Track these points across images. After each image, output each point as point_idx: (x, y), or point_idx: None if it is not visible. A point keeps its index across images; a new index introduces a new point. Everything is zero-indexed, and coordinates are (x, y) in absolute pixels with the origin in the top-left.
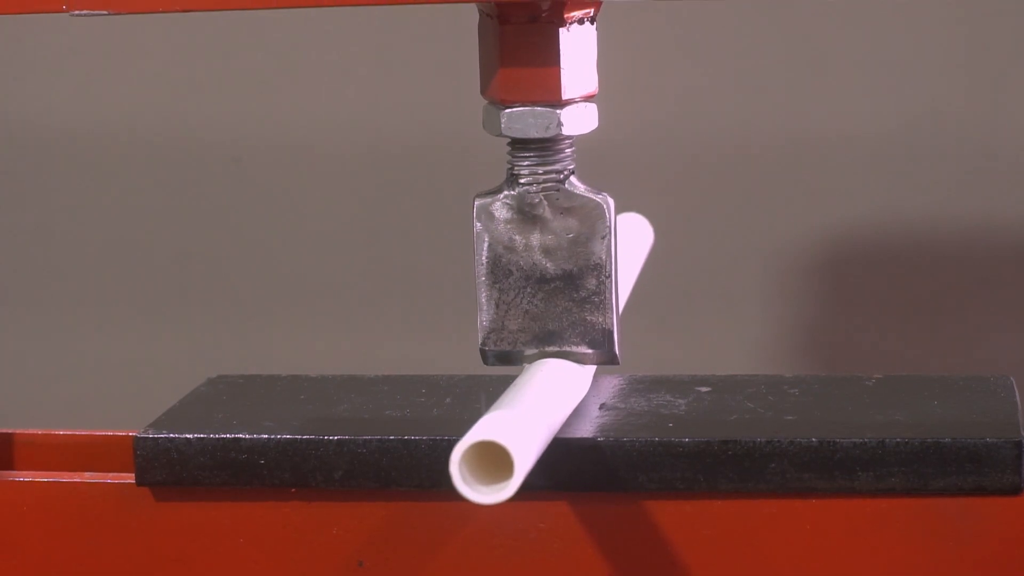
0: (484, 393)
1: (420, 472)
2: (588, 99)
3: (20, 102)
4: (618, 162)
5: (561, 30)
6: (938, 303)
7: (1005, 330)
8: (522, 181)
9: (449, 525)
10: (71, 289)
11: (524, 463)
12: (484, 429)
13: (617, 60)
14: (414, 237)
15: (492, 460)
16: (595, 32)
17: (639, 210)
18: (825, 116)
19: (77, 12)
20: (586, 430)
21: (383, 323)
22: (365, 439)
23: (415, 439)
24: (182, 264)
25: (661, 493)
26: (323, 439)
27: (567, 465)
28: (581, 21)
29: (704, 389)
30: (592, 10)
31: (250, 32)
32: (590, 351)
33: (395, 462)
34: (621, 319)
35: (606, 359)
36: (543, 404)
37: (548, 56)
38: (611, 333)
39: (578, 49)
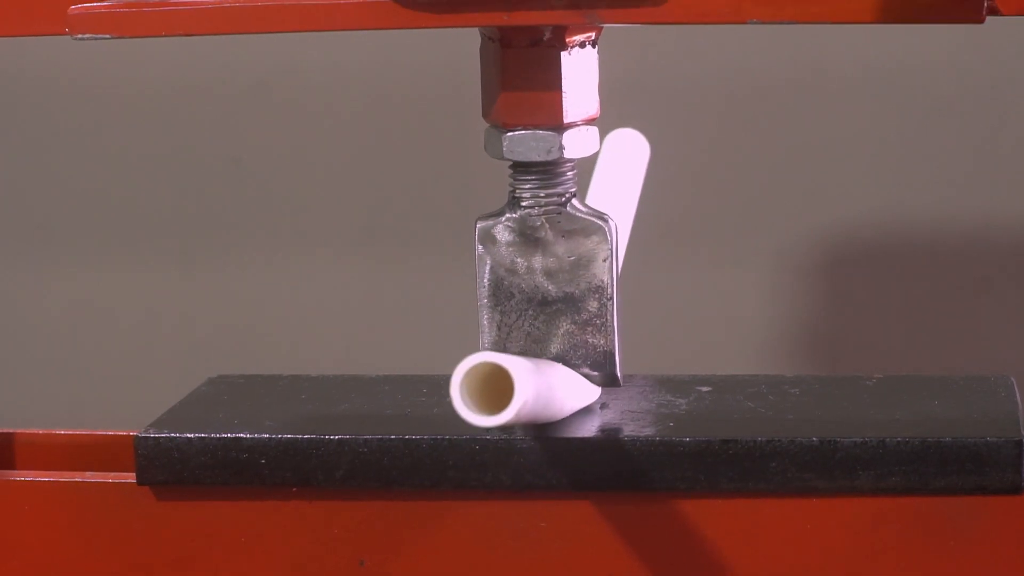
0: None
1: (421, 471)
2: (590, 122)
3: (19, 99)
4: None
5: (563, 54)
6: (938, 303)
7: (1005, 330)
8: (524, 204)
9: (450, 525)
10: (71, 288)
11: (524, 388)
12: (487, 354)
13: (615, 59)
14: (415, 236)
15: (492, 394)
16: (596, 55)
17: (639, 211)
18: (825, 116)
19: (80, 36)
20: (587, 429)
21: (384, 322)
22: (366, 438)
23: (416, 438)
24: (182, 264)
25: (662, 492)
26: (324, 439)
27: (568, 465)
28: (583, 44)
29: (705, 389)
30: (594, 33)
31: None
32: (592, 373)
33: (396, 461)
34: (623, 335)
35: (607, 381)
36: (547, 365)
37: (550, 80)
38: (612, 355)
39: (580, 72)
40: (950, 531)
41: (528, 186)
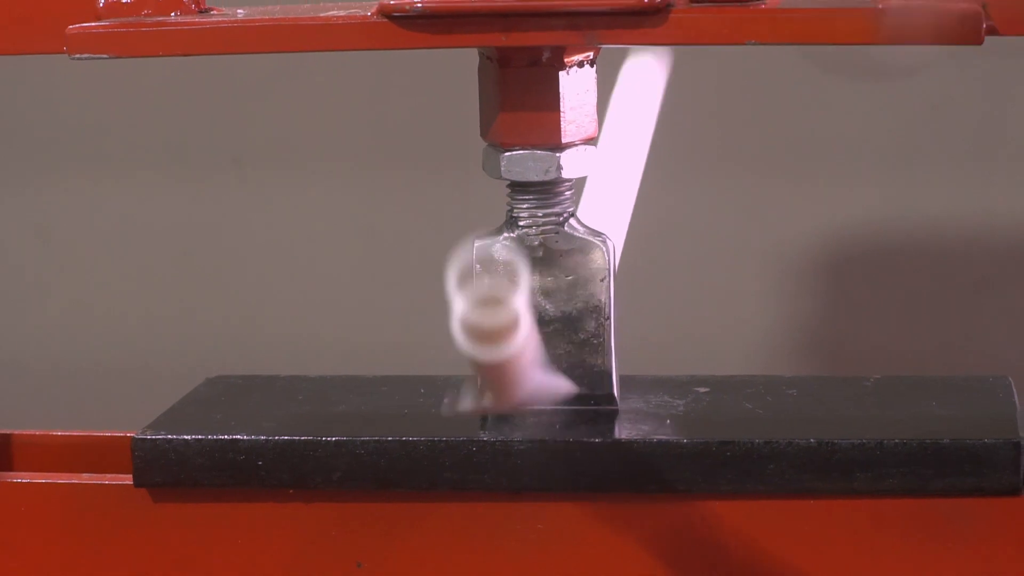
0: None
1: (419, 473)
2: (588, 142)
3: (19, 100)
4: None
5: (561, 74)
6: (938, 303)
7: (1004, 330)
8: (521, 224)
9: (448, 526)
10: (70, 289)
11: (525, 330)
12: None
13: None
14: (415, 235)
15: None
16: (595, 75)
17: (638, 211)
18: (825, 115)
19: (78, 56)
20: (584, 431)
21: (383, 323)
22: (364, 440)
23: (414, 440)
24: (182, 263)
25: (659, 494)
26: (322, 440)
27: (565, 466)
28: (581, 64)
29: (702, 390)
30: (592, 53)
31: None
32: (590, 393)
33: (394, 463)
34: (619, 354)
35: (604, 401)
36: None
37: (548, 100)
38: (609, 375)
39: (578, 92)
40: (948, 533)
41: (526, 206)
